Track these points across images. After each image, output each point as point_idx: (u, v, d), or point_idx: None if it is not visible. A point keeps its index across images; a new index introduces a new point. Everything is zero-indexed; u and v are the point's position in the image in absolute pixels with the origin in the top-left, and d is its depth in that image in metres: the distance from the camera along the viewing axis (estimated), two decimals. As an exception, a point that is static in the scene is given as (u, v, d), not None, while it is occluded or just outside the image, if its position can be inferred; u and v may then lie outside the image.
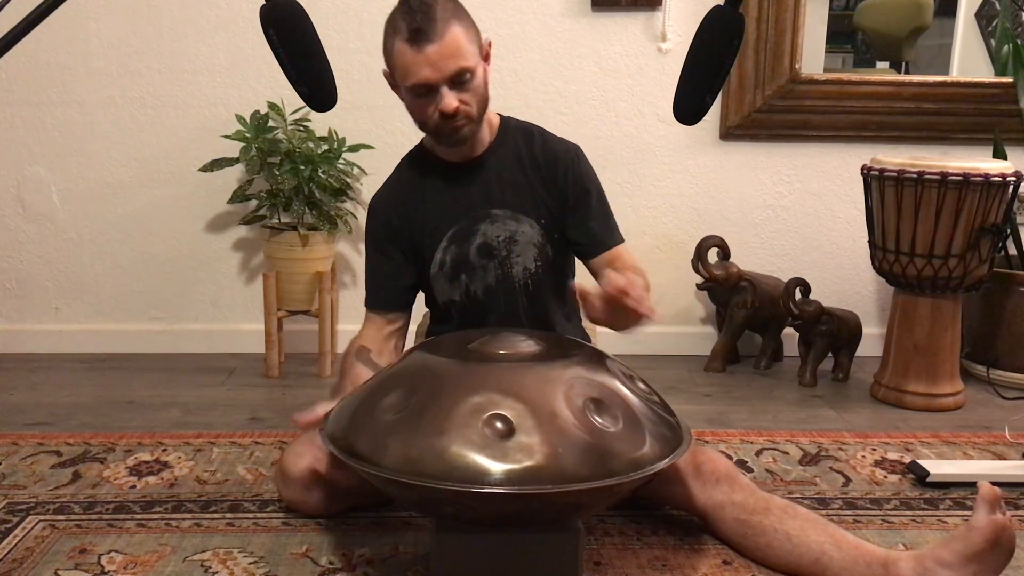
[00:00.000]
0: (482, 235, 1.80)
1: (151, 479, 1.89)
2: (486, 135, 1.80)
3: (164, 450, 2.04)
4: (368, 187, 2.78)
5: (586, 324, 1.97)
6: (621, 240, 1.85)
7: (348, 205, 2.71)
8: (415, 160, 1.87)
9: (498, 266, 1.81)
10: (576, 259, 1.92)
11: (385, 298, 1.87)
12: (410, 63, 1.61)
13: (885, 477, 1.96)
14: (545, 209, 1.80)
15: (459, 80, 1.63)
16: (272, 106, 2.63)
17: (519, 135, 1.83)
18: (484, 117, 1.75)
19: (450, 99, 1.63)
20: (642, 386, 1.48)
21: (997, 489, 1.36)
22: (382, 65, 1.71)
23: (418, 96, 1.65)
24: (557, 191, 1.80)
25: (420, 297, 1.94)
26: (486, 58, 1.71)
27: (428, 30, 1.58)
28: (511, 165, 1.80)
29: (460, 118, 1.66)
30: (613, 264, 1.77)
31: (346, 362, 1.78)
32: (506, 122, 1.85)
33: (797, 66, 2.75)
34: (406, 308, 1.89)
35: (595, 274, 1.81)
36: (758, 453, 2.08)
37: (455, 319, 1.86)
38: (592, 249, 1.82)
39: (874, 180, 2.43)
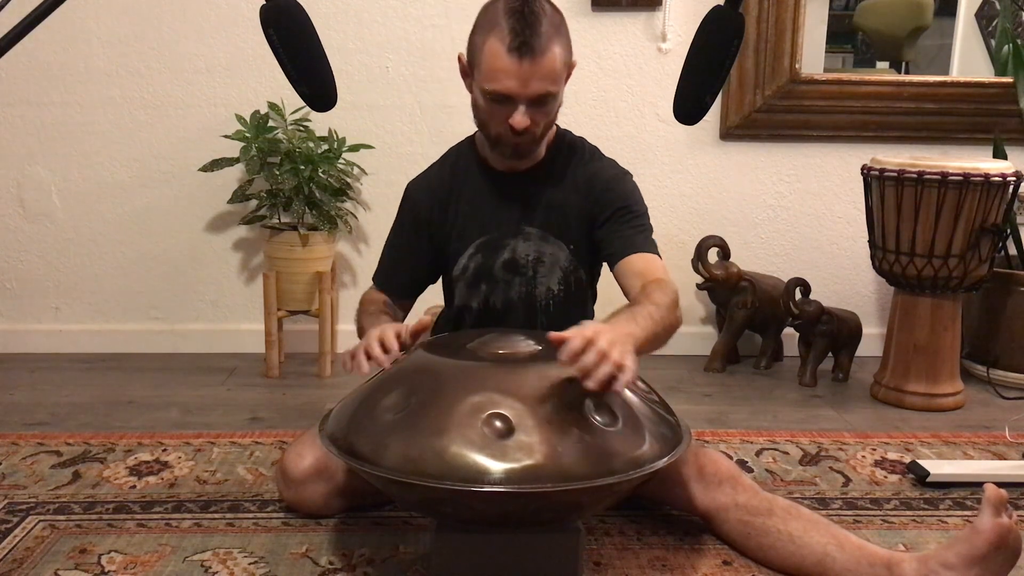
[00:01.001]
0: (511, 251, 1.76)
1: (151, 479, 1.89)
2: (539, 149, 1.73)
3: (164, 450, 2.04)
4: (368, 187, 2.78)
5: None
6: (654, 252, 1.71)
7: (348, 205, 2.71)
8: (461, 156, 1.81)
9: (523, 284, 1.77)
10: (602, 276, 1.86)
11: (397, 286, 1.86)
12: (499, 69, 1.55)
13: (885, 477, 1.96)
14: (577, 234, 1.75)
15: (540, 102, 1.58)
16: (272, 106, 2.63)
17: (569, 153, 1.77)
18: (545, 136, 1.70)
19: (523, 118, 1.58)
20: (642, 386, 1.48)
21: (1003, 492, 1.35)
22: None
23: (493, 101, 1.60)
24: (592, 212, 1.73)
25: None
26: (567, 78, 1.66)
27: (533, 45, 1.52)
28: (553, 184, 1.75)
29: (526, 136, 1.61)
30: (642, 275, 1.63)
31: (367, 311, 1.77)
32: (561, 136, 1.79)
33: (797, 66, 2.75)
34: (414, 297, 1.89)
35: (623, 286, 1.68)
36: (758, 453, 2.08)
37: (468, 326, 1.83)
38: (619, 254, 1.69)
39: (874, 180, 2.43)
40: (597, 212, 1.74)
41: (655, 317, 1.46)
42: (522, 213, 1.76)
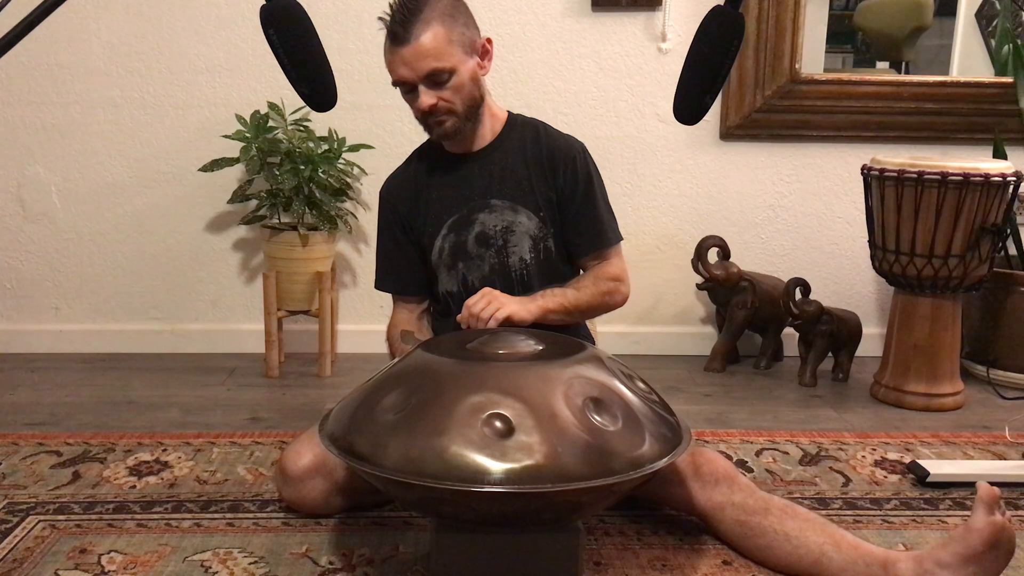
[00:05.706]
0: (480, 224, 1.82)
1: (151, 479, 1.89)
2: (487, 130, 1.83)
3: (164, 450, 2.04)
4: (368, 187, 2.78)
5: (588, 323, 1.97)
6: (615, 241, 1.86)
7: (348, 205, 2.71)
8: (424, 151, 1.91)
9: (495, 255, 1.82)
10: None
11: (409, 283, 1.92)
12: (390, 62, 1.69)
13: (885, 477, 1.96)
14: (545, 202, 1.82)
15: (435, 80, 1.68)
16: (272, 106, 2.63)
17: (525, 130, 1.86)
18: (479, 112, 1.78)
19: (425, 98, 1.69)
20: (642, 386, 1.48)
21: (996, 490, 1.36)
22: (382, 65, 1.73)
23: (403, 92, 1.73)
24: (557, 186, 1.82)
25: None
26: (483, 55, 1.75)
27: (403, 32, 1.65)
28: (514, 158, 1.83)
29: (441, 115, 1.72)
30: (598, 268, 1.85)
31: (396, 350, 1.84)
32: (513, 118, 1.88)
33: (797, 66, 2.75)
34: (429, 290, 1.93)
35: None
36: (758, 453, 2.08)
37: (453, 312, 1.86)
38: (580, 251, 1.85)
39: (874, 180, 2.43)
40: (563, 185, 1.81)
41: (568, 297, 1.77)
42: (486, 187, 1.83)
